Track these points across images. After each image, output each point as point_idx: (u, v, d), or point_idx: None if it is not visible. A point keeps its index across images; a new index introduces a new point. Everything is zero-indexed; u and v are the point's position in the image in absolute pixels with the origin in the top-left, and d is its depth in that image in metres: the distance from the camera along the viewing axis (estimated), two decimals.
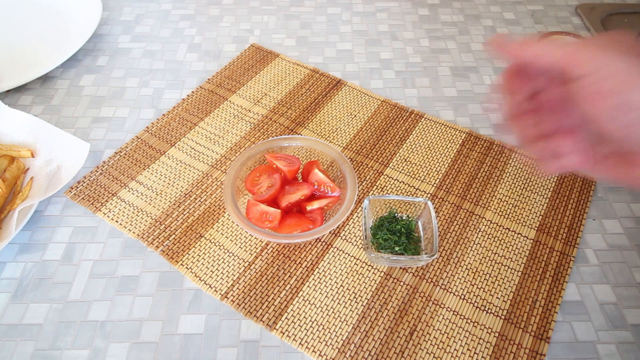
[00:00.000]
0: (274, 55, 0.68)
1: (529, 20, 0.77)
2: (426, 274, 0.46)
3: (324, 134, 0.58)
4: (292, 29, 0.75)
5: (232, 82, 0.64)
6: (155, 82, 0.65)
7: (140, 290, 0.44)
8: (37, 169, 0.53)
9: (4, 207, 0.49)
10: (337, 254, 0.47)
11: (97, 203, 0.50)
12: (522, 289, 0.45)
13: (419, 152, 0.56)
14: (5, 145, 0.53)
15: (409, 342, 0.41)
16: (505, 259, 0.47)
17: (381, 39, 0.73)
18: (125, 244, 0.48)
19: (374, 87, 0.65)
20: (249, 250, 0.47)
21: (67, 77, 0.66)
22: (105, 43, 0.72)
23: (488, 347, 0.41)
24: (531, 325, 0.42)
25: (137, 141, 0.57)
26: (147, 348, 0.41)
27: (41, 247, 0.47)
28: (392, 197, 0.48)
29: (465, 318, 0.43)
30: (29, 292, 0.44)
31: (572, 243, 0.48)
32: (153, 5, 0.79)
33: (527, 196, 0.52)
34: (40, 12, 0.75)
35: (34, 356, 0.40)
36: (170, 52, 0.70)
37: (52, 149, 0.53)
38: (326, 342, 0.41)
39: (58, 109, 0.61)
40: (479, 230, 0.49)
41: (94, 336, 0.41)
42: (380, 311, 0.43)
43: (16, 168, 0.52)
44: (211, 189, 0.52)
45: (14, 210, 0.46)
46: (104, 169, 0.54)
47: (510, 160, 0.55)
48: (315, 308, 0.43)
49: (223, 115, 0.60)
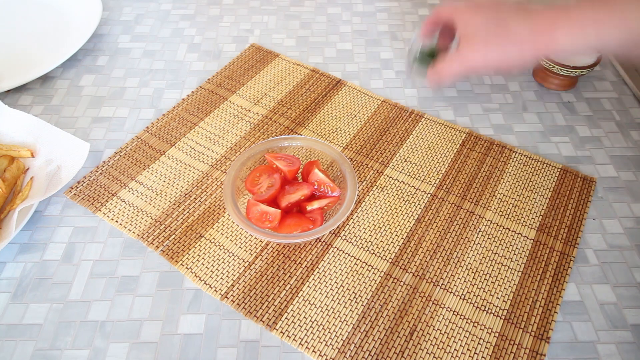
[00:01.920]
0: (274, 55, 0.68)
1: None
2: (426, 274, 0.46)
3: (324, 134, 0.58)
4: (292, 29, 0.75)
5: (232, 82, 0.64)
6: (155, 82, 0.65)
7: (140, 290, 0.44)
8: (37, 169, 0.53)
9: (3, 207, 0.49)
10: (337, 254, 0.47)
11: (97, 203, 0.50)
12: (522, 289, 0.45)
13: (419, 152, 0.56)
14: (5, 145, 0.53)
15: (409, 342, 0.41)
16: (505, 259, 0.47)
17: (381, 39, 0.73)
18: (125, 244, 0.48)
19: (374, 87, 0.65)
20: (249, 250, 0.47)
21: (67, 77, 0.66)
22: (105, 43, 0.72)
23: (488, 347, 0.41)
24: (531, 325, 0.42)
25: (137, 141, 0.57)
26: (147, 348, 0.41)
27: (41, 247, 0.47)
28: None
29: (465, 318, 0.43)
30: (29, 292, 0.44)
31: (572, 243, 0.48)
32: (153, 5, 0.79)
33: (527, 196, 0.52)
34: (40, 12, 0.75)
35: (34, 356, 0.40)
36: (170, 52, 0.70)
37: (52, 149, 0.53)
38: (326, 342, 0.41)
39: (58, 109, 0.61)
40: (479, 230, 0.49)
41: (94, 336, 0.41)
42: (380, 311, 0.43)
43: (16, 168, 0.52)
44: (211, 189, 0.52)
45: (14, 210, 0.46)
46: (104, 169, 0.54)
47: (510, 160, 0.55)
48: (315, 308, 0.43)
49: (223, 115, 0.60)
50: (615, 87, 0.65)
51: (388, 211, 0.51)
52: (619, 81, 0.66)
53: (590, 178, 0.54)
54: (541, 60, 0.62)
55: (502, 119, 0.61)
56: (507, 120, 0.61)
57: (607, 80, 0.66)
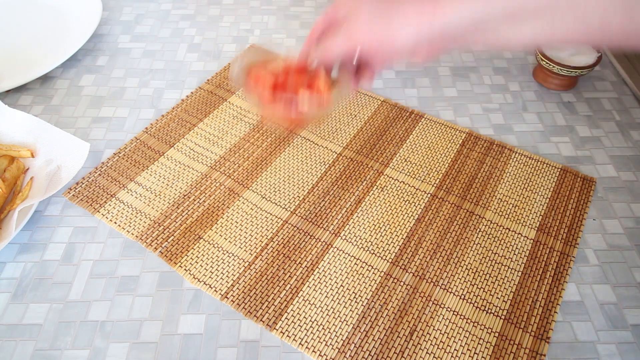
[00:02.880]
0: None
1: None
2: (426, 274, 0.46)
3: (324, 134, 0.58)
4: (292, 29, 0.75)
5: (231, 83, 0.64)
6: (155, 82, 0.65)
7: (140, 290, 0.44)
8: (37, 169, 0.53)
9: (3, 207, 0.49)
10: (337, 254, 0.47)
11: (96, 204, 0.50)
12: (522, 289, 0.45)
13: (419, 152, 0.56)
14: (5, 145, 0.53)
15: (409, 342, 0.41)
16: (505, 259, 0.47)
17: None
18: (125, 244, 0.48)
19: (374, 87, 0.65)
20: (248, 250, 0.47)
21: (67, 77, 0.66)
22: (105, 43, 0.72)
23: (488, 347, 0.41)
24: (531, 325, 0.42)
25: (136, 142, 0.57)
26: (147, 348, 0.41)
27: (41, 247, 0.47)
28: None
29: (465, 318, 0.43)
30: (29, 292, 0.44)
31: (572, 243, 0.48)
32: (153, 5, 0.79)
33: (527, 196, 0.52)
34: (40, 12, 0.75)
35: (34, 356, 0.40)
36: (170, 52, 0.70)
37: (52, 149, 0.53)
38: (326, 342, 0.41)
39: (58, 109, 0.61)
40: (479, 230, 0.49)
41: (94, 336, 0.41)
42: (380, 311, 0.43)
43: (16, 168, 0.52)
44: (210, 190, 0.52)
45: (14, 210, 0.46)
46: (103, 170, 0.54)
47: (510, 160, 0.55)
48: (315, 308, 0.43)
49: (222, 116, 0.60)
50: (615, 87, 0.65)
51: (388, 211, 0.51)
52: (619, 81, 0.66)
53: (590, 178, 0.54)
54: (541, 60, 0.62)
55: (502, 119, 0.61)
56: (507, 120, 0.61)
57: (607, 80, 0.66)
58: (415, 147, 0.57)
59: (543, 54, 0.62)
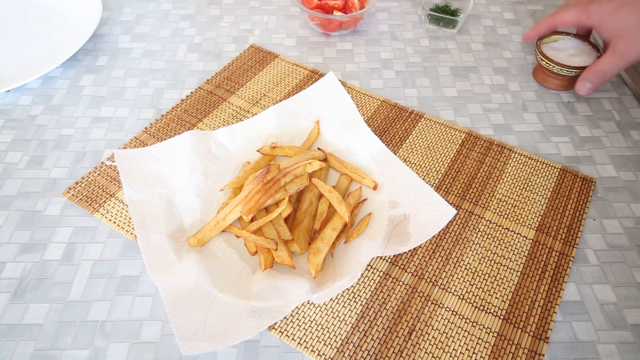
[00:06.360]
0: (274, 55, 0.69)
1: (529, 20, 0.77)
2: (425, 273, 0.46)
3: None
4: (292, 29, 0.75)
5: (231, 83, 0.64)
6: (155, 82, 0.65)
7: (140, 290, 0.45)
8: (377, 205, 0.49)
9: (339, 236, 0.46)
10: None
11: (95, 204, 0.50)
12: (521, 289, 0.45)
13: (418, 152, 0.56)
14: (350, 166, 0.50)
15: (407, 342, 0.41)
16: (505, 259, 0.47)
17: (381, 39, 0.73)
18: (125, 244, 0.48)
19: (374, 87, 0.65)
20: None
21: (67, 77, 0.66)
22: (105, 43, 0.72)
23: (487, 347, 0.41)
24: (530, 325, 0.42)
25: (135, 142, 0.57)
26: (147, 348, 0.41)
27: (41, 247, 0.47)
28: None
29: (464, 318, 0.43)
30: (29, 292, 0.44)
31: (572, 243, 0.48)
32: (153, 5, 0.79)
33: (526, 196, 0.52)
34: (41, 12, 0.75)
35: (34, 356, 0.40)
36: (170, 52, 0.70)
37: (399, 191, 0.49)
38: (325, 341, 0.41)
39: (58, 109, 0.61)
40: (478, 230, 0.49)
41: (94, 336, 0.41)
42: (379, 311, 0.43)
43: (358, 195, 0.48)
44: None
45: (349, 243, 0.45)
46: (102, 169, 0.54)
47: (510, 160, 0.55)
48: (315, 308, 0.43)
49: (221, 116, 0.60)
50: (615, 87, 0.65)
51: None
52: (619, 81, 0.66)
53: (590, 178, 0.54)
54: (541, 60, 0.62)
55: (502, 119, 0.61)
56: (507, 120, 0.61)
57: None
58: (414, 147, 0.57)
59: (543, 54, 0.62)
